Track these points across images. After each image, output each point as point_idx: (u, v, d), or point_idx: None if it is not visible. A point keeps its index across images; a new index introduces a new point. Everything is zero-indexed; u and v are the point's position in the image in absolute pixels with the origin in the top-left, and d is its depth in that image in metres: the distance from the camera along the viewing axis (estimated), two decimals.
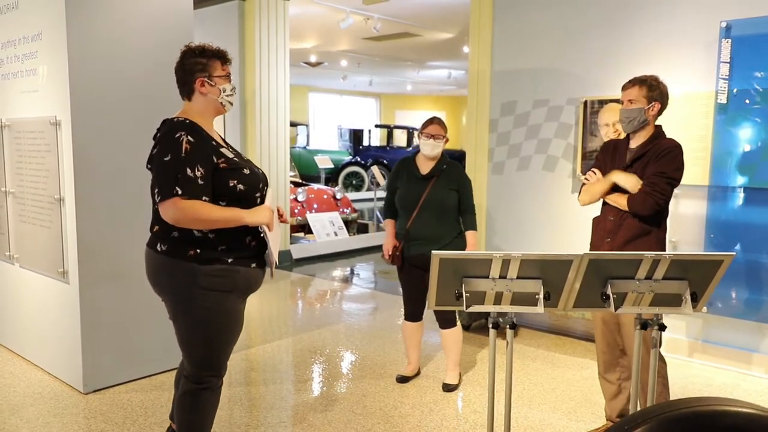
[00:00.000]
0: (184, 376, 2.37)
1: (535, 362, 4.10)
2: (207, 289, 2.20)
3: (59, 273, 3.54)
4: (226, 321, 2.28)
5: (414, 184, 3.55)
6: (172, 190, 2.09)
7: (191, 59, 2.27)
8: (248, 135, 6.91)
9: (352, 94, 20.93)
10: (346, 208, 8.93)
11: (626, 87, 2.83)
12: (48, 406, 3.35)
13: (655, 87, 2.78)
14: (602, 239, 2.88)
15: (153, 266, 2.27)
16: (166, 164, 2.12)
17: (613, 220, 2.84)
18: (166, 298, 2.29)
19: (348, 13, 8.49)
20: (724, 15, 3.84)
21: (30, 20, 3.62)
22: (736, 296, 3.90)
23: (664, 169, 2.70)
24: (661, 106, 2.80)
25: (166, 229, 2.20)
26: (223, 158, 2.22)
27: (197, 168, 2.13)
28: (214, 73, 2.28)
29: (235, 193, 2.23)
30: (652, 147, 2.77)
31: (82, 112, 3.38)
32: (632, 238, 2.78)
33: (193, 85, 2.27)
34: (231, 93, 2.33)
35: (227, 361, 2.38)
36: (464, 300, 2.16)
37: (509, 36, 4.89)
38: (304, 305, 5.95)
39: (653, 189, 2.69)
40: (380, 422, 3.22)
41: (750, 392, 3.65)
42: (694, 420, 1.10)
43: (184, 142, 2.13)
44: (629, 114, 2.79)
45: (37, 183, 3.67)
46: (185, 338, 2.29)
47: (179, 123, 2.20)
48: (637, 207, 2.73)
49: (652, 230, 2.78)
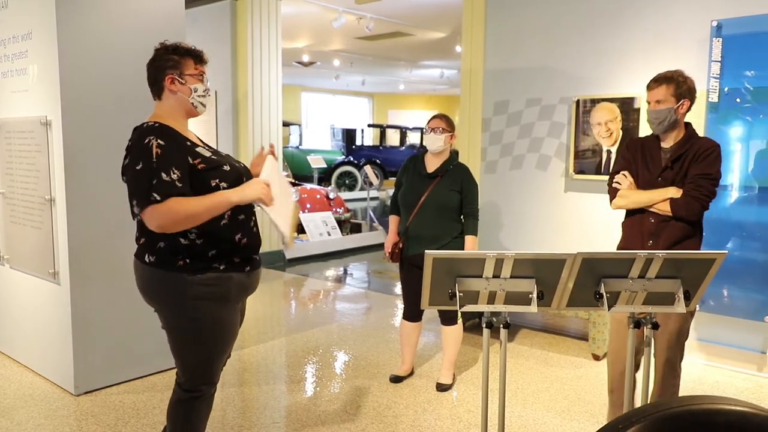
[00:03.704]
0: (176, 383, 2.32)
1: (528, 361, 4.11)
2: (198, 299, 2.12)
3: (50, 274, 3.51)
4: (219, 331, 2.21)
5: (418, 181, 3.54)
6: (149, 197, 1.98)
7: (163, 56, 2.17)
8: (240, 135, 6.89)
9: (345, 93, 20.92)
10: (339, 207, 8.92)
11: (652, 87, 2.68)
12: (39, 409, 3.33)
13: (683, 83, 2.64)
14: (641, 241, 2.73)
15: (142, 278, 2.19)
16: (139, 173, 2.01)
17: (654, 222, 2.70)
18: (158, 308, 2.22)
19: (340, 13, 8.48)
20: (715, 14, 3.85)
21: (20, 19, 3.59)
22: (729, 294, 3.92)
23: (708, 170, 2.59)
24: (690, 103, 2.68)
25: (151, 239, 2.11)
26: (200, 158, 2.11)
27: (172, 171, 2.01)
28: (185, 71, 2.17)
29: (219, 191, 2.13)
30: (690, 147, 2.65)
31: (73, 111, 3.35)
32: (677, 241, 2.67)
33: (162, 83, 2.16)
34: (203, 94, 2.22)
35: (220, 370, 2.34)
36: (458, 299, 2.16)
37: (501, 35, 4.90)
38: (297, 305, 5.94)
39: (699, 192, 2.58)
40: (374, 422, 3.21)
41: (742, 390, 3.67)
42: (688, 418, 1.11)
43: (153, 147, 2.01)
44: (658, 115, 2.65)
45: (28, 183, 3.65)
46: (178, 348, 2.23)
47: (147, 128, 2.10)
48: (682, 211, 2.60)
49: (696, 233, 2.69)
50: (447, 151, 3.56)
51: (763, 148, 3.75)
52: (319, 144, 18.83)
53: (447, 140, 3.50)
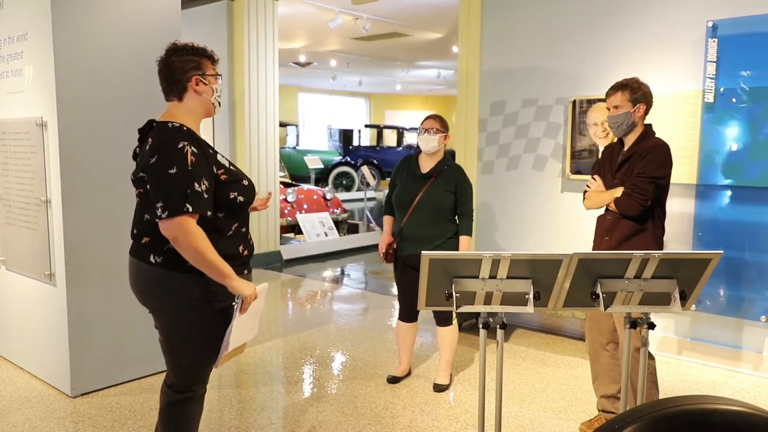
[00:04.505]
0: (167, 385, 2.30)
1: (525, 361, 4.11)
2: (203, 299, 2.14)
3: (46, 275, 3.50)
4: (218, 332, 2.19)
5: (412, 182, 3.54)
6: (182, 206, 1.98)
7: (182, 56, 2.17)
8: (237, 135, 6.88)
9: (342, 94, 20.91)
10: (336, 208, 8.91)
11: (609, 94, 2.91)
12: (35, 411, 3.31)
13: (637, 89, 2.84)
14: (602, 237, 2.97)
15: (146, 279, 2.18)
16: (172, 177, 2.00)
17: (610, 219, 2.93)
18: (157, 309, 2.21)
19: (337, 13, 8.48)
20: (711, 15, 3.87)
21: (15, 20, 3.58)
22: (725, 294, 3.93)
23: (644, 169, 2.77)
24: (646, 107, 2.87)
25: (158, 241, 2.10)
26: (223, 169, 2.15)
27: (203, 182, 2.04)
28: (207, 71, 2.20)
29: (235, 205, 2.17)
30: (637, 149, 2.84)
31: (69, 112, 3.34)
32: (628, 237, 2.86)
33: (187, 84, 2.16)
34: (220, 94, 2.28)
35: (211, 371, 2.33)
36: (454, 300, 2.16)
37: (498, 36, 4.90)
38: (294, 306, 5.93)
39: (633, 190, 2.78)
40: (371, 423, 3.21)
41: (738, 389, 3.68)
42: (683, 418, 1.11)
43: (189, 154, 2.02)
44: (616, 119, 2.86)
45: (23, 185, 3.63)
46: (174, 349, 2.23)
47: (178, 131, 2.09)
48: (622, 208, 2.82)
49: (646, 228, 2.85)
50: (441, 152, 3.57)
51: (759, 148, 3.75)
52: (316, 144, 18.81)
53: (441, 140, 3.51)
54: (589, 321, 3.13)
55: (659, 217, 2.88)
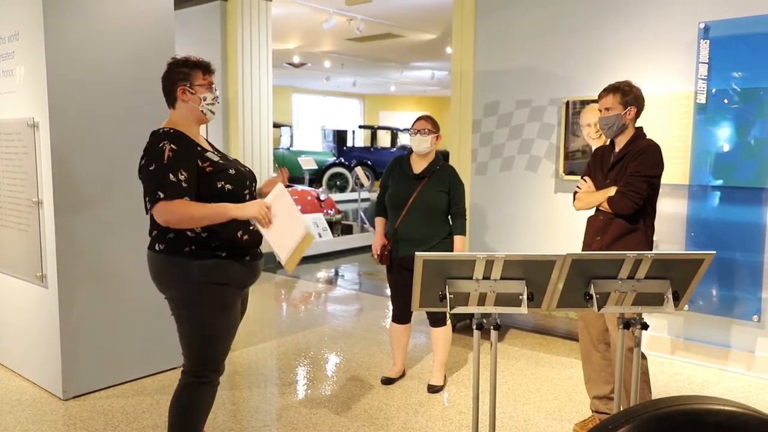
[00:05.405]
0: (182, 372, 2.45)
1: (519, 362, 4.12)
2: (203, 282, 2.32)
3: (37, 277, 3.48)
4: (223, 314, 2.38)
5: (405, 183, 3.54)
6: (156, 195, 2.22)
7: (175, 69, 2.42)
8: (231, 136, 6.87)
9: (336, 95, 20.90)
10: (330, 209, 8.90)
11: (601, 96, 2.93)
12: (26, 414, 3.29)
13: (629, 92, 2.87)
14: (593, 237, 2.98)
15: (153, 265, 2.39)
16: (151, 173, 2.26)
17: (602, 220, 2.94)
18: (166, 294, 2.40)
19: (331, 14, 8.47)
20: (703, 16, 3.88)
21: (7, 20, 3.56)
22: (717, 294, 3.94)
23: (638, 168, 2.79)
24: (637, 109, 2.89)
25: (162, 231, 2.33)
26: (208, 162, 2.33)
27: (180, 172, 2.24)
28: (195, 82, 2.40)
29: (224, 193, 2.34)
30: (630, 149, 2.86)
31: (60, 113, 3.32)
32: (619, 236, 2.87)
33: (175, 93, 2.40)
34: (212, 102, 2.44)
35: (225, 358, 2.47)
36: (448, 301, 2.16)
37: (492, 37, 4.91)
38: (288, 307, 5.92)
39: (627, 189, 2.79)
40: (365, 424, 3.20)
41: (731, 389, 3.70)
42: (677, 418, 1.11)
43: (166, 150, 2.25)
44: (607, 121, 2.89)
45: (14, 186, 3.61)
46: (185, 333, 2.39)
47: (163, 133, 2.33)
48: (616, 207, 2.83)
49: (638, 228, 2.87)
50: (433, 152, 3.57)
51: (751, 149, 3.77)
52: (310, 145, 18.78)
53: (433, 141, 3.51)
54: (580, 322, 3.14)
55: (650, 216, 2.91)
